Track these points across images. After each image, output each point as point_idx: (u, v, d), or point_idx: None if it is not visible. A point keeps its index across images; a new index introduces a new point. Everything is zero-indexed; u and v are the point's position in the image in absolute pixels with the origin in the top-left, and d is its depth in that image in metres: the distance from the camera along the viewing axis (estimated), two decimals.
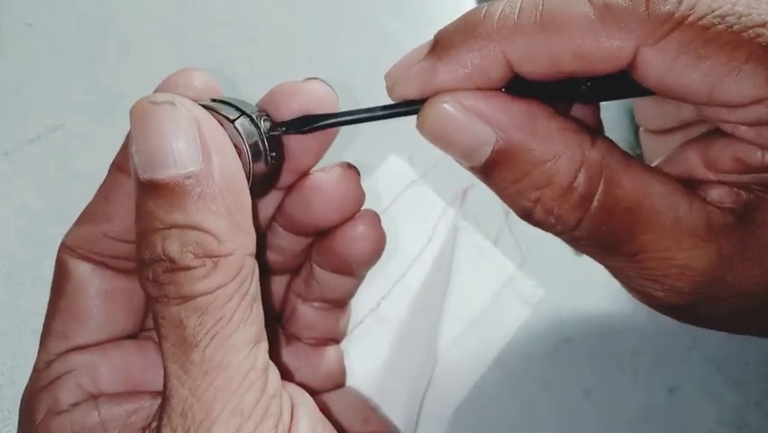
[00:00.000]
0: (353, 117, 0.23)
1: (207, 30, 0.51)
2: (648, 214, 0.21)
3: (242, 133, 0.22)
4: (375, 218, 0.27)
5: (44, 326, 0.24)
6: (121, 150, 0.24)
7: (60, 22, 0.50)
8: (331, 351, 0.31)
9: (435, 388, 0.39)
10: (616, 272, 0.24)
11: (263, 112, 0.23)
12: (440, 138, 0.22)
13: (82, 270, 0.24)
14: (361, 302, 0.39)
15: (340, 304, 0.30)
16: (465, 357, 0.40)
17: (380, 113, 0.23)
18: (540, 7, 0.20)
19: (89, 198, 0.25)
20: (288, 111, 0.24)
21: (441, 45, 0.22)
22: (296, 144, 0.24)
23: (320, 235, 0.27)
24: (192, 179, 0.19)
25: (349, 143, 0.48)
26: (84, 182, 0.47)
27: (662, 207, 0.21)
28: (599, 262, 0.24)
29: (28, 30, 0.49)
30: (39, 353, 0.24)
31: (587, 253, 0.23)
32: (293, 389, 0.22)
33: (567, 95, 0.22)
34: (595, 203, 0.21)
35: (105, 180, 0.24)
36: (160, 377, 0.22)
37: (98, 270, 0.24)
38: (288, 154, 0.24)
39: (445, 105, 0.21)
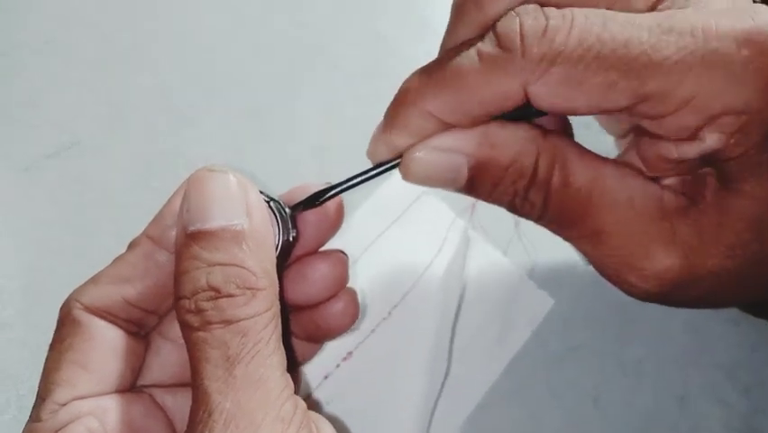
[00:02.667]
0: (351, 183, 0.28)
1: (213, 41, 0.52)
2: (601, 194, 0.25)
3: (275, 214, 0.27)
4: (353, 296, 0.31)
5: (45, 377, 0.25)
6: (154, 222, 0.27)
7: (76, 40, 0.51)
8: None
9: (446, 397, 0.39)
10: (590, 257, 0.27)
11: (286, 204, 0.28)
12: (423, 179, 0.26)
13: (98, 325, 0.25)
14: (373, 311, 0.40)
15: (297, 367, 0.34)
16: (475, 366, 0.41)
17: (371, 174, 0.27)
18: (445, 68, 0.25)
19: (104, 210, 0.27)
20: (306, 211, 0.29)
21: (388, 117, 0.27)
22: (310, 230, 0.29)
23: (301, 309, 0.31)
24: (236, 228, 0.23)
25: (361, 151, 0.49)
26: (99, 195, 0.48)
27: (615, 188, 0.25)
28: (577, 249, 0.27)
29: (46, 48, 0.51)
30: (39, 404, 0.24)
31: (565, 239, 0.27)
32: (312, 412, 0.25)
33: (522, 109, 0.26)
34: (554, 183, 0.25)
35: (133, 249, 0.27)
36: (161, 424, 0.26)
37: (112, 327, 0.26)
38: (301, 238, 0.29)
39: (417, 155, 0.26)
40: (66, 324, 0.25)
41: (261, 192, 0.26)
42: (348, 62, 0.52)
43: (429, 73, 0.26)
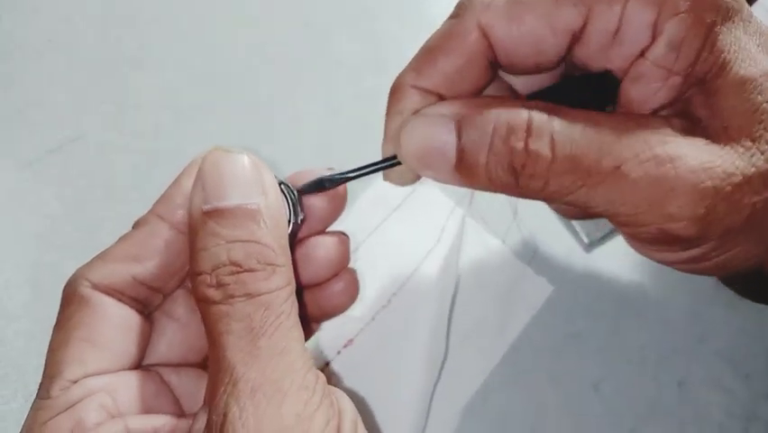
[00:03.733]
0: (357, 174, 0.28)
1: (215, 38, 0.53)
2: (609, 129, 0.25)
3: (286, 195, 0.28)
4: (353, 276, 0.32)
5: (53, 356, 0.24)
6: (162, 201, 0.27)
7: (79, 38, 0.52)
8: None
9: (446, 383, 0.40)
10: (617, 203, 0.25)
11: (294, 187, 0.29)
12: (416, 149, 0.27)
13: (107, 303, 0.25)
14: (373, 300, 0.40)
15: None
16: (475, 353, 0.41)
17: (377, 166, 0.28)
18: (425, 44, 0.28)
19: (107, 204, 0.27)
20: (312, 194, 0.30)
21: (386, 114, 0.29)
22: (317, 213, 0.30)
23: (303, 289, 0.32)
24: (253, 208, 0.24)
25: (362, 147, 0.49)
26: (102, 189, 0.49)
27: (619, 122, 0.25)
28: (602, 209, 0.25)
29: (49, 46, 0.51)
30: (48, 382, 0.24)
31: (581, 199, 0.25)
32: (331, 387, 0.25)
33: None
34: (555, 128, 0.25)
35: (141, 227, 0.27)
36: (170, 402, 0.26)
37: (120, 305, 0.26)
38: (312, 217, 0.30)
39: (407, 125, 0.27)
40: (73, 302, 0.25)
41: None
42: (350, 59, 0.52)
43: (412, 59, 0.28)
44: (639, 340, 0.43)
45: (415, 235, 0.42)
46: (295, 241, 0.30)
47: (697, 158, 0.24)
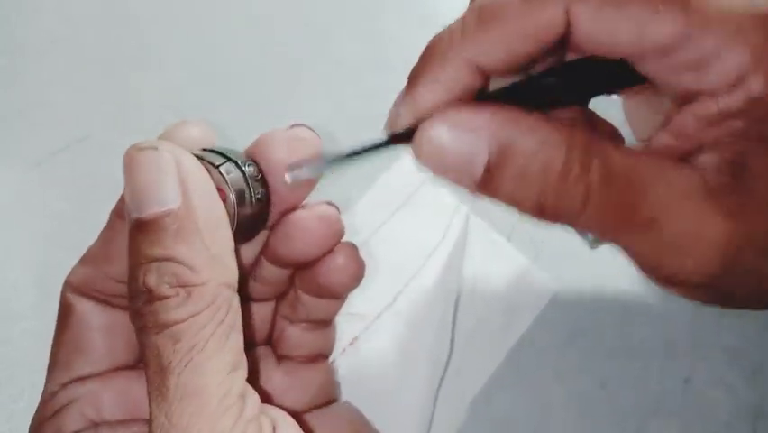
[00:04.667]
0: (351, 153, 0.24)
1: (217, 38, 0.53)
2: (648, 179, 0.23)
3: (225, 178, 0.23)
4: (353, 250, 0.28)
5: (50, 358, 0.25)
6: (120, 197, 0.25)
7: (83, 38, 0.52)
8: (321, 366, 0.32)
9: (451, 381, 0.40)
10: (642, 256, 0.24)
11: (249, 158, 0.25)
12: (437, 158, 0.23)
13: (85, 306, 0.25)
14: (378, 299, 0.40)
15: (325, 323, 0.31)
16: (480, 350, 0.41)
17: (377, 145, 0.24)
18: (478, 10, 0.23)
19: (113, 204, 0.26)
20: (274, 160, 0.25)
21: (414, 76, 0.24)
22: (283, 186, 0.25)
23: (302, 266, 0.29)
24: (170, 216, 0.21)
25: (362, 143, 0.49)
26: (109, 189, 0.49)
27: (658, 174, 0.23)
28: (623, 247, 0.24)
29: (54, 47, 0.52)
30: (45, 385, 0.25)
31: (608, 238, 0.24)
32: (275, 412, 0.23)
33: (544, 101, 0.24)
34: (594, 174, 0.22)
35: (106, 225, 0.26)
36: None
37: (100, 306, 0.25)
38: (275, 196, 0.26)
39: (434, 126, 0.22)
40: (61, 306, 0.25)
41: (216, 151, 0.24)
42: (352, 58, 0.52)
43: (461, 22, 0.23)
44: (644, 338, 0.43)
45: (419, 234, 0.42)
46: (265, 221, 0.26)
47: (721, 230, 0.23)
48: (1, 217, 0.45)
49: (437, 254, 0.42)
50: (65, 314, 0.25)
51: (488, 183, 0.23)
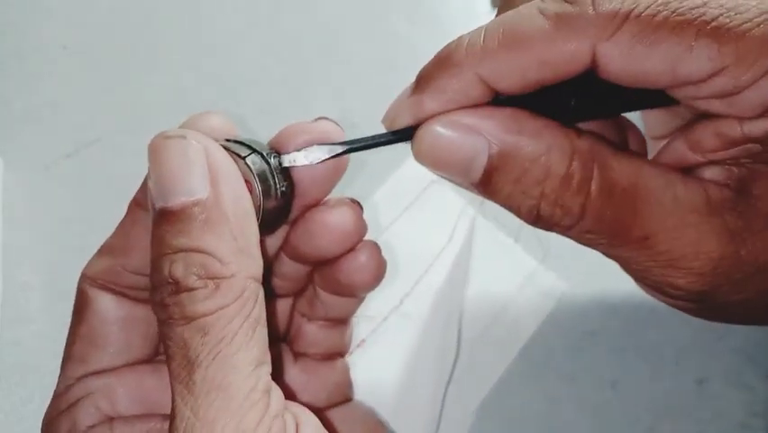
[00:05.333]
0: (357, 146, 0.24)
1: (225, 39, 0.53)
2: (646, 194, 0.22)
3: (252, 169, 0.23)
4: (375, 249, 0.28)
5: (65, 351, 0.25)
6: (140, 187, 0.25)
7: (93, 43, 0.53)
8: (337, 364, 0.32)
9: (460, 383, 0.40)
10: (632, 265, 0.24)
11: (273, 150, 0.25)
12: (435, 159, 0.23)
13: (102, 299, 0.25)
14: (385, 300, 0.40)
15: (342, 321, 0.31)
16: (489, 352, 0.41)
17: (380, 140, 0.24)
18: (501, 28, 0.22)
19: (123, 206, 0.26)
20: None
21: (422, 79, 0.24)
22: (307, 179, 0.25)
23: (322, 263, 0.28)
24: (199, 205, 0.20)
25: (375, 153, 0.49)
26: (119, 192, 0.49)
27: (658, 187, 0.23)
28: (613, 257, 0.24)
29: (63, 51, 0.52)
30: (59, 377, 0.25)
31: (599, 248, 0.24)
32: (297, 408, 0.23)
33: (556, 111, 0.23)
34: (593, 187, 0.22)
35: (125, 216, 0.26)
36: None
37: (117, 299, 0.25)
38: (298, 189, 0.25)
39: (434, 127, 0.23)
40: (77, 298, 0.25)
41: (241, 141, 0.24)
42: (360, 58, 0.53)
43: (481, 35, 0.23)
44: (656, 338, 0.43)
45: (426, 235, 0.42)
46: (287, 215, 0.26)
47: (717, 248, 0.23)
48: (12, 220, 0.45)
49: (444, 256, 0.41)
50: (81, 307, 0.25)
51: (486, 185, 0.23)
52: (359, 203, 0.27)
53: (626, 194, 0.22)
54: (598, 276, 0.44)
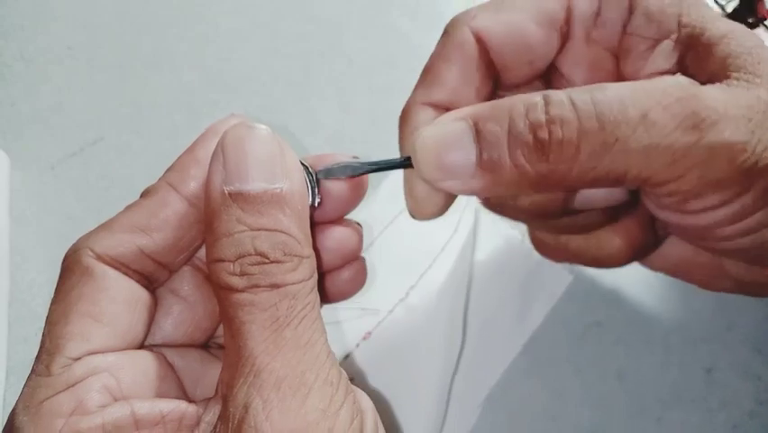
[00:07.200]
0: (378, 167, 0.28)
1: (227, 39, 0.54)
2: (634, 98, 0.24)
3: (305, 176, 0.26)
4: (363, 264, 0.31)
5: (53, 330, 0.22)
6: (174, 170, 0.25)
7: (96, 44, 0.53)
8: None
9: (466, 374, 0.39)
10: (661, 174, 0.24)
11: (310, 165, 0.27)
12: (434, 157, 0.26)
13: (111, 276, 0.23)
14: (391, 293, 0.40)
15: None
16: (495, 343, 0.41)
17: (395, 164, 0.28)
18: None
19: (127, 203, 0.26)
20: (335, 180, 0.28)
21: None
22: (336, 196, 0.28)
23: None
24: (280, 194, 0.23)
25: (375, 142, 0.50)
26: (122, 190, 0.50)
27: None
28: (636, 175, 0.25)
29: (68, 52, 0.52)
30: (47, 358, 0.22)
31: (615, 169, 0.25)
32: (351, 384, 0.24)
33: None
34: (574, 94, 0.24)
35: (151, 196, 0.25)
36: (174, 385, 0.24)
37: (126, 279, 0.24)
38: (328, 204, 0.28)
39: (420, 131, 0.26)
40: (75, 272, 0.23)
41: None
42: (362, 55, 0.53)
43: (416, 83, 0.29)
44: (662, 329, 0.43)
45: (431, 229, 0.42)
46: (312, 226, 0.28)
47: (719, 95, 0.24)
48: (19, 219, 0.46)
49: (448, 249, 0.41)
50: (81, 282, 0.23)
51: (485, 160, 0.25)
52: (361, 225, 0.31)
53: (605, 92, 0.24)
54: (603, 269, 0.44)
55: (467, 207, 0.43)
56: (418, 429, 0.37)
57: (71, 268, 0.23)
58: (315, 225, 0.29)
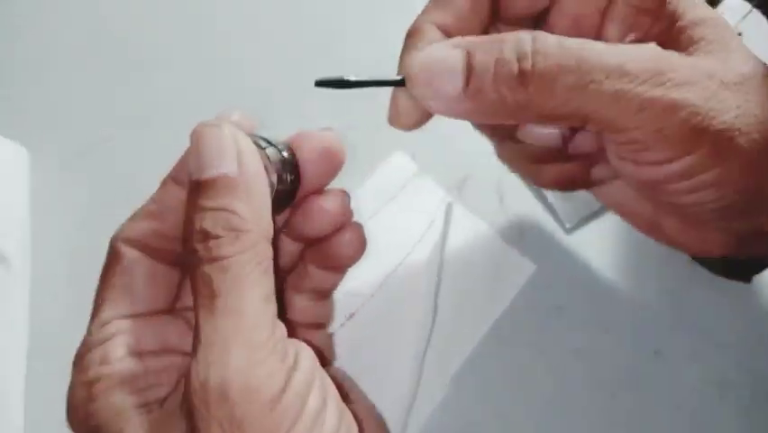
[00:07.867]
0: (376, 82, 0.31)
1: (229, 39, 0.57)
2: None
3: (270, 159, 0.29)
4: (359, 228, 0.35)
5: (96, 298, 0.29)
6: (177, 164, 0.31)
7: (102, 45, 0.56)
8: (321, 332, 0.39)
9: (437, 351, 0.44)
10: (629, 120, 0.28)
11: (287, 147, 0.31)
12: (424, 74, 0.30)
13: (133, 255, 0.29)
14: (372, 279, 0.45)
15: (327, 294, 0.38)
16: (463, 325, 0.45)
17: (385, 81, 0.31)
18: None
19: (135, 199, 0.31)
20: (307, 152, 0.32)
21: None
22: (311, 172, 0.32)
23: (315, 241, 0.35)
24: (228, 178, 0.26)
25: (361, 140, 0.52)
26: (131, 186, 0.52)
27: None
28: (603, 118, 0.28)
29: (74, 53, 0.56)
30: (92, 320, 0.29)
31: (587, 109, 0.28)
32: (298, 342, 0.28)
33: None
34: (561, 36, 0.28)
35: (160, 188, 0.31)
36: (189, 342, 0.28)
37: (145, 257, 0.30)
38: (303, 179, 0.32)
39: (416, 50, 0.31)
40: (110, 255, 0.30)
41: (264, 139, 0.30)
42: (354, 60, 0.55)
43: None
44: (617, 313, 0.46)
45: (408, 221, 0.47)
46: (291, 201, 0.32)
47: (685, 62, 0.29)
48: (39, 212, 0.49)
49: (425, 240, 0.46)
50: (114, 260, 0.29)
51: (471, 83, 0.29)
52: (347, 193, 0.34)
53: (589, 42, 0.28)
54: (566, 258, 0.48)
55: (441, 202, 0.48)
56: (394, 401, 0.41)
57: (109, 251, 0.30)
58: (303, 198, 0.33)
